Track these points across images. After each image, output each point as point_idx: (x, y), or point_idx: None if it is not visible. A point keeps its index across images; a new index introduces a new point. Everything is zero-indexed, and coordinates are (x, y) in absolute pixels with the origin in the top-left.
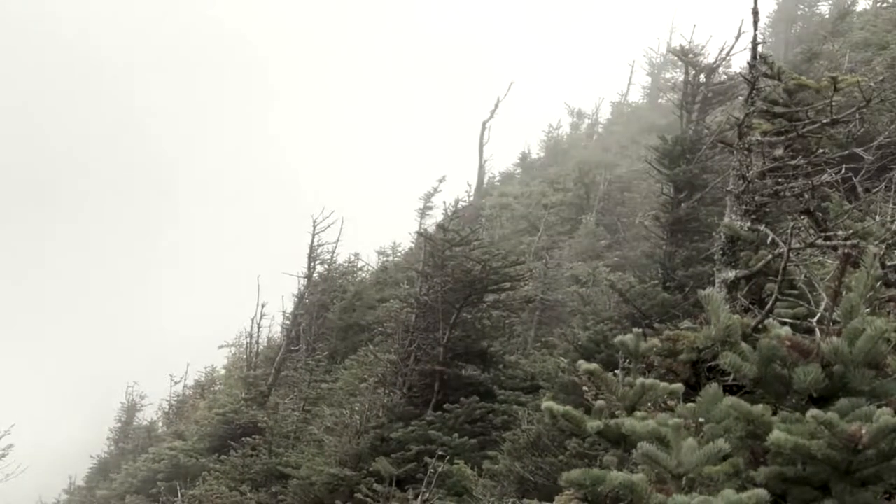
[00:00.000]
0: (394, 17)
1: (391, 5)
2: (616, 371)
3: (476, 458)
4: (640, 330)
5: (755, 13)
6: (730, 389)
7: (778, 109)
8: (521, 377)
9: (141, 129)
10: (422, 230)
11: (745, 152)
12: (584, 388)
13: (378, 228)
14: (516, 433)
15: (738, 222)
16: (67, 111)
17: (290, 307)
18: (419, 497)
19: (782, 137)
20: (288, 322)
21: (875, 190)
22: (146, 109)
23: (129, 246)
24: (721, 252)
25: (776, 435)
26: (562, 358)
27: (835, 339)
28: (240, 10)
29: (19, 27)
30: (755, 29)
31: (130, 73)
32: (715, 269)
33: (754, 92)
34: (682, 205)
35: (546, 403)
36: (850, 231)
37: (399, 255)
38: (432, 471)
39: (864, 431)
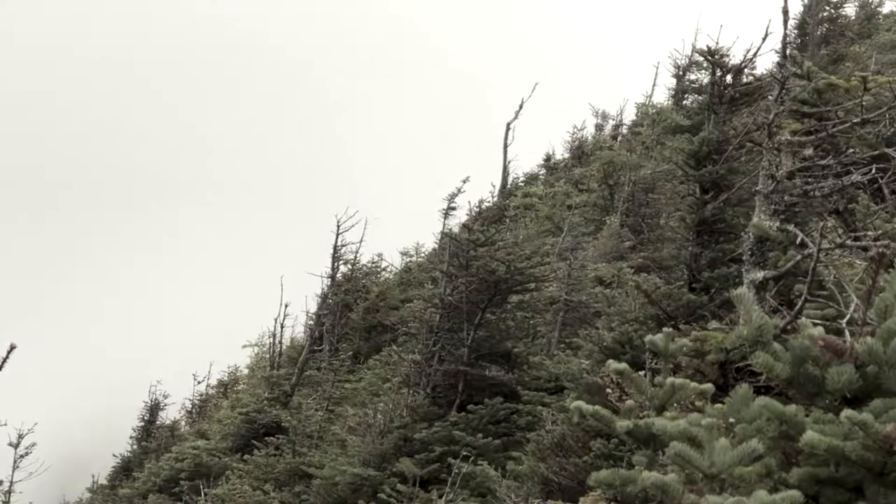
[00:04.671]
0: (420, 17)
1: (415, 4)
2: (642, 371)
3: (500, 459)
4: (670, 330)
5: (785, 12)
6: (757, 391)
7: (807, 109)
8: (546, 378)
9: (168, 125)
10: (446, 230)
11: (775, 152)
12: (608, 390)
13: (401, 229)
14: (540, 434)
15: (767, 222)
16: (88, 106)
17: (313, 307)
18: (443, 497)
19: (811, 137)
20: (311, 322)
21: None
22: (175, 102)
23: (154, 244)
24: (750, 252)
25: (809, 435)
26: (584, 360)
27: (869, 339)
28: (255, 9)
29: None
30: (785, 28)
31: (144, 65)
32: (743, 269)
33: (784, 91)
34: (708, 206)
35: (575, 403)
36: (880, 232)
37: (422, 255)
38: (456, 471)
39: None
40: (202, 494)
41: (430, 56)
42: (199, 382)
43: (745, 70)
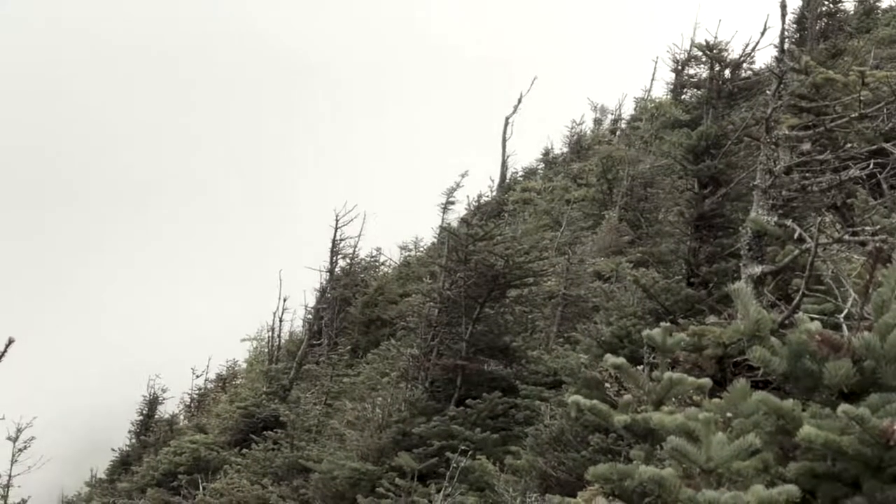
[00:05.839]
0: (416, 12)
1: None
2: (640, 366)
3: (498, 454)
4: (668, 324)
5: (783, 7)
6: (755, 385)
7: (805, 104)
8: (544, 372)
9: (167, 122)
10: (445, 225)
11: (773, 146)
12: (607, 385)
13: (400, 223)
14: (539, 428)
15: (765, 217)
16: (92, 104)
17: (312, 301)
18: (441, 492)
19: (809, 132)
20: (310, 316)
21: None
22: (170, 98)
23: (154, 238)
24: (748, 247)
25: (806, 430)
26: (582, 354)
27: (866, 333)
28: (258, 11)
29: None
30: (783, 23)
31: (140, 66)
32: (741, 264)
33: (782, 86)
34: (707, 200)
35: (573, 397)
36: (878, 227)
37: (421, 249)
38: (454, 466)
39: (895, 427)
40: (200, 488)
41: (429, 50)
42: (197, 376)
43: (744, 65)
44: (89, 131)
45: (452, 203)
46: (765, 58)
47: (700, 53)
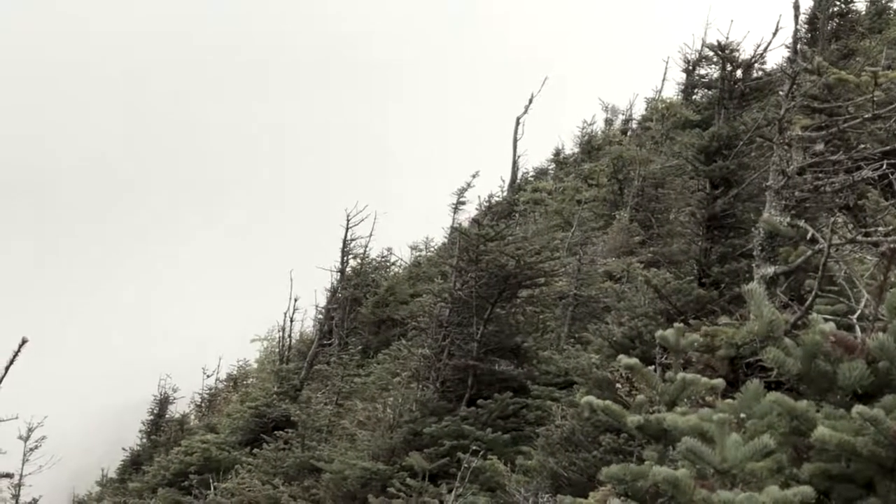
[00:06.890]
0: (426, 12)
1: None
2: (652, 366)
3: (509, 454)
4: (680, 325)
5: (796, 7)
6: (768, 386)
7: (817, 104)
8: (555, 373)
9: (176, 122)
10: (456, 225)
11: (786, 147)
12: (618, 385)
13: (411, 223)
14: (550, 429)
15: (778, 218)
16: (102, 103)
17: (322, 301)
18: (452, 492)
19: (822, 132)
20: (321, 316)
21: None
22: (181, 99)
23: (166, 238)
24: (760, 248)
25: (821, 431)
26: (593, 354)
27: (880, 334)
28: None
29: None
30: (795, 23)
31: (150, 67)
32: (754, 264)
33: (794, 86)
34: (718, 201)
35: (586, 398)
36: (891, 227)
37: (432, 249)
38: (465, 466)
39: None
40: (211, 488)
41: (437, 51)
42: (208, 376)
43: (756, 65)
44: (103, 132)
45: (463, 203)
46: (776, 58)
47: (711, 54)
